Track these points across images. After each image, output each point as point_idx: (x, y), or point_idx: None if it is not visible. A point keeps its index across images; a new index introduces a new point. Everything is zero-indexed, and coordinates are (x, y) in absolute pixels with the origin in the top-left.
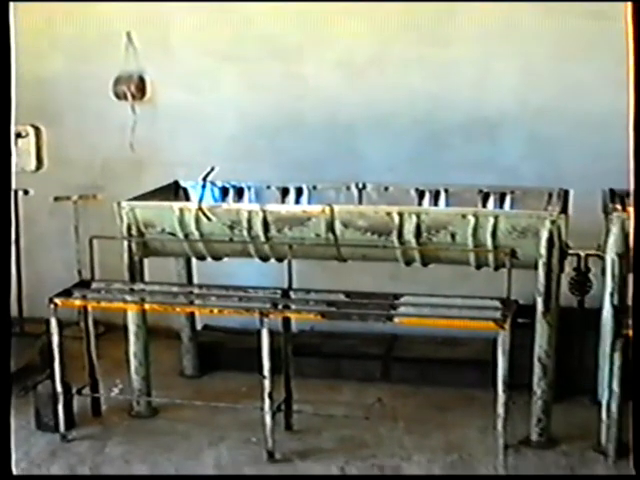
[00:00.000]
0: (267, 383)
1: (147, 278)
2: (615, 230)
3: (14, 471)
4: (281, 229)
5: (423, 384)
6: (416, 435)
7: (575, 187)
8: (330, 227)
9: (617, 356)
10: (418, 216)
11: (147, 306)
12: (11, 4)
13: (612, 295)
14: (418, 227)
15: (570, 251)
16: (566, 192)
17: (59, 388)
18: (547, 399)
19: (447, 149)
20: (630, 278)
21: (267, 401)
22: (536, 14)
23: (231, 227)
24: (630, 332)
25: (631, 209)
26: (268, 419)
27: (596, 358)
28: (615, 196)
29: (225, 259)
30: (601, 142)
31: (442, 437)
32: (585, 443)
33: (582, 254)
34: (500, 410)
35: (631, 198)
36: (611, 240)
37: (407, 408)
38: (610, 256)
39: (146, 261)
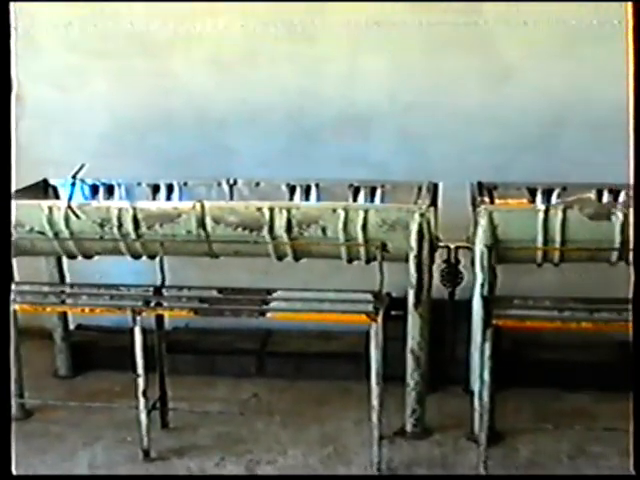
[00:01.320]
0: (141, 381)
1: (17, 278)
2: (483, 222)
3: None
4: (152, 226)
5: (298, 378)
6: (292, 429)
7: (445, 181)
8: (201, 223)
9: (487, 346)
10: (289, 211)
11: (17, 306)
12: (11, 4)
13: (482, 286)
14: (289, 222)
15: (440, 243)
16: (435, 185)
17: None
18: (421, 390)
19: (318, 144)
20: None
21: (142, 400)
22: (403, 9)
23: (101, 225)
24: (500, 322)
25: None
26: (143, 418)
27: (468, 348)
28: (483, 189)
29: (96, 257)
30: (470, 136)
31: (318, 430)
32: (458, 432)
33: (452, 246)
34: (374, 402)
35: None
36: (480, 232)
37: (283, 402)
38: (479, 248)
39: (15, 261)
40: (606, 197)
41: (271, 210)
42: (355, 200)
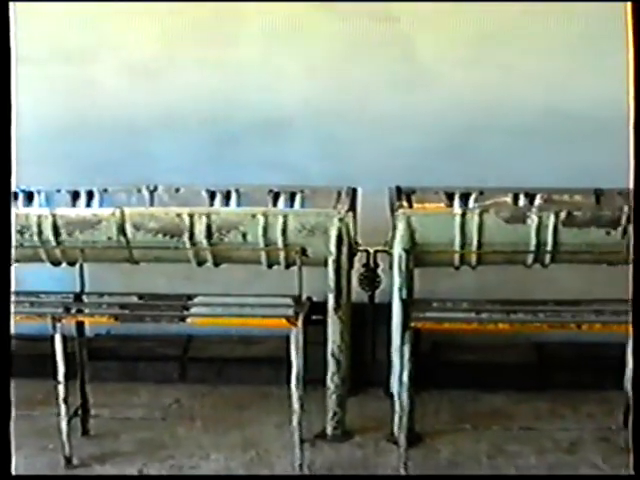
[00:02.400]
0: (62, 389)
1: None
2: (401, 226)
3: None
4: (72, 233)
5: (220, 383)
6: (214, 434)
7: (365, 185)
8: (121, 230)
9: (406, 348)
10: (208, 217)
11: None
12: (11, 4)
13: (400, 289)
14: (209, 228)
15: (359, 248)
16: (354, 190)
17: None
18: (341, 393)
19: (238, 149)
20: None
21: (63, 407)
22: (321, 14)
23: (21, 232)
24: (419, 325)
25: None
26: (64, 425)
27: (388, 351)
28: (401, 193)
29: (15, 264)
30: (389, 140)
31: (239, 435)
32: (379, 434)
33: (371, 250)
34: (295, 406)
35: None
36: (398, 236)
37: (204, 408)
38: (397, 252)
39: None
40: (522, 201)
41: (191, 216)
42: (275, 205)
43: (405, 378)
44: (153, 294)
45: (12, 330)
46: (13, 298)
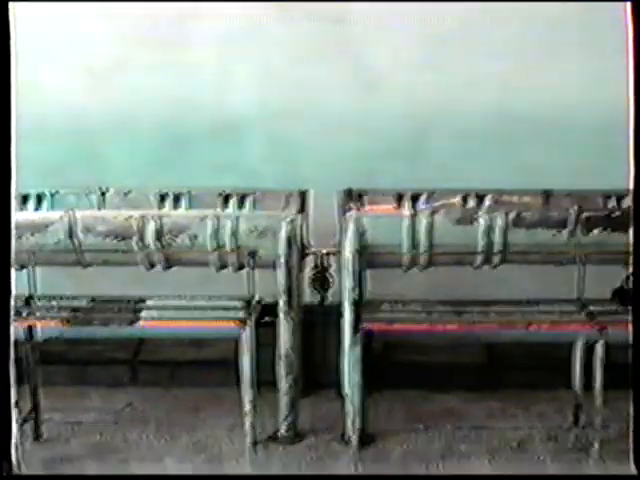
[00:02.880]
0: (12, 393)
1: None
2: (351, 228)
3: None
4: (21, 236)
5: (172, 386)
6: (166, 437)
7: (316, 188)
8: (71, 233)
9: (357, 349)
10: (159, 219)
11: None
12: (11, 4)
13: (351, 290)
14: (159, 230)
15: (310, 250)
16: (305, 193)
17: None
18: (293, 395)
19: (190, 152)
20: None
21: (14, 411)
22: (273, 17)
23: None
24: (369, 325)
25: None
26: (15, 429)
27: (339, 352)
28: (352, 195)
29: None
30: (341, 143)
31: (192, 438)
32: (331, 435)
33: (322, 252)
34: (247, 408)
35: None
36: (348, 238)
37: (157, 411)
38: (347, 253)
39: None
40: (472, 202)
41: (141, 219)
42: (225, 208)
43: (356, 379)
44: (104, 297)
45: None
46: None
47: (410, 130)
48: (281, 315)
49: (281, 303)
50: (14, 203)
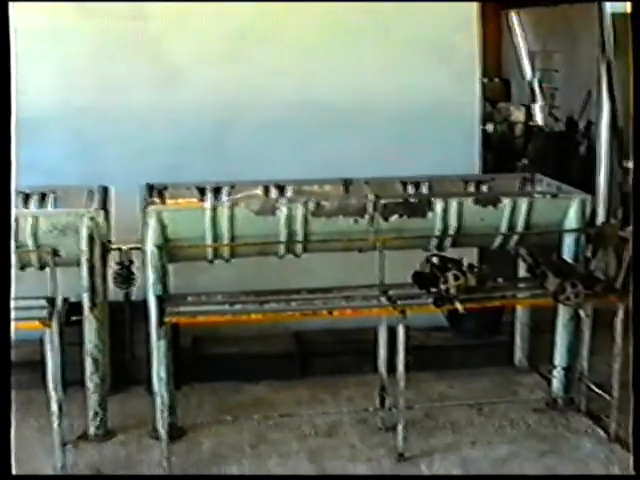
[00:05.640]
0: None
1: None
2: (152, 223)
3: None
4: None
5: None
6: None
7: (120, 183)
8: None
9: (162, 343)
10: None
11: None
12: (11, 4)
13: (154, 285)
14: None
15: (112, 246)
16: (106, 189)
17: None
18: (102, 392)
19: None
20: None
21: None
22: (72, 14)
23: None
24: (173, 319)
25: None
26: None
27: (148, 348)
28: (154, 190)
29: None
30: (143, 138)
31: None
32: (142, 431)
33: (124, 248)
34: (54, 408)
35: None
36: (149, 233)
37: None
38: (149, 248)
39: None
40: (273, 193)
41: None
42: (26, 207)
43: (163, 373)
44: None
45: None
46: None
47: (213, 123)
48: (86, 313)
49: (85, 301)
50: None
